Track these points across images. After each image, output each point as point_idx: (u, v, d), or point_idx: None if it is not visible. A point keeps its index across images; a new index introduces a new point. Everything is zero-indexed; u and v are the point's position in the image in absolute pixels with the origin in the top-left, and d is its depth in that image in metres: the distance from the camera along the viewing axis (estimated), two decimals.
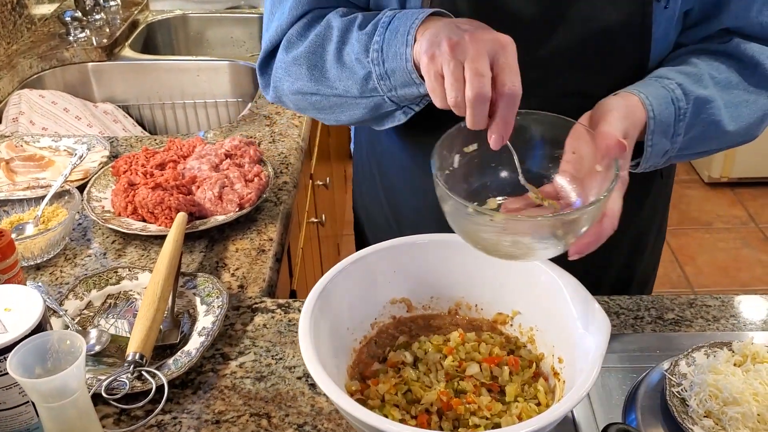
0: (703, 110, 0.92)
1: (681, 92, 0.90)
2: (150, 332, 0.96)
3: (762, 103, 0.97)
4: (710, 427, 0.82)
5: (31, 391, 0.77)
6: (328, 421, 0.91)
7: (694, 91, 0.91)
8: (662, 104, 0.89)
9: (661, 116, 0.89)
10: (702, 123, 0.93)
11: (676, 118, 0.90)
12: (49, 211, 1.25)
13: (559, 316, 0.87)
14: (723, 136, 0.96)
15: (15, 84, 1.85)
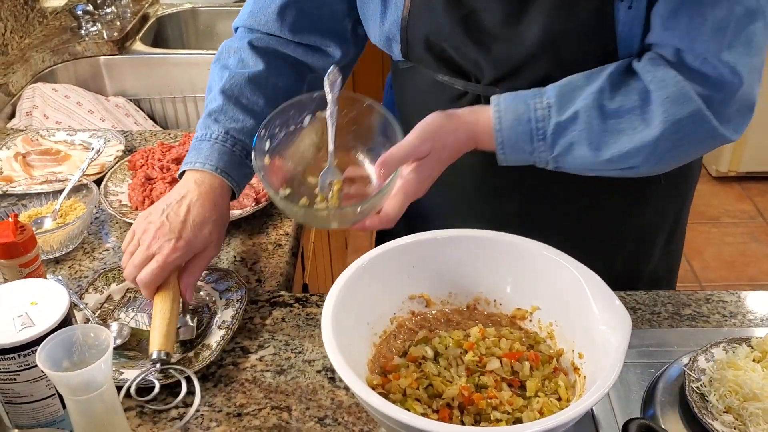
0: (567, 132, 0.95)
1: (544, 113, 0.95)
2: (170, 327, 0.97)
3: (641, 135, 0.94)
4: (730, 423, 0.83)
5: (59, 384, 0.78)
6: (348, 414, 0.92)
7: (555, 116, 0.95)
8: (514, 122, 0.95)
9: (511, 132, 0.95)
10: (571, 143, 0.95)
11: (533, 136, 0.95)
12: (66, 205, 1.26)
13: (579, 311, 0.87)
14: (596, 163, 0.96)
15: (28, 78, 1.85)
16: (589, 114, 0.94)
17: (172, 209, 1.01)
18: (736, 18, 0.89)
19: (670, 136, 0.93)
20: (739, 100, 0.94)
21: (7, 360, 0.80)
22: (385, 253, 0.92)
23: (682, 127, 0.93)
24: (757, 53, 0.92)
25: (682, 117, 0.92)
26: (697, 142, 0.96)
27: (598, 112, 0.94)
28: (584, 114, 0.94)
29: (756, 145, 3.31)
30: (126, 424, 0.84)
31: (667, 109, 0.92)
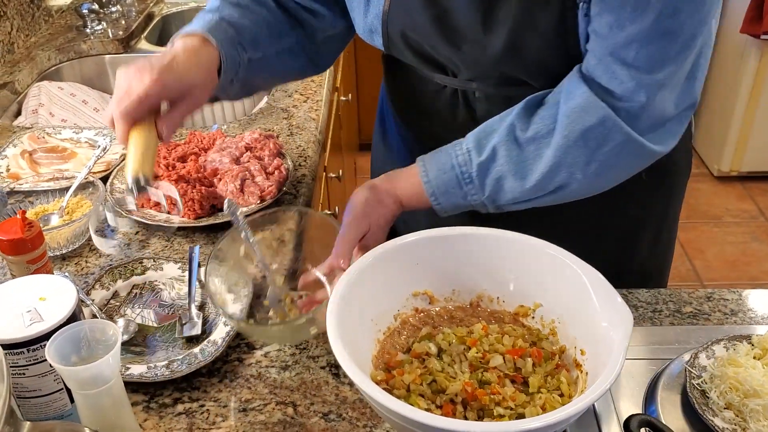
0: (490, 169, 1.00)
1: (465, 158, 1.00)
2: (146, 153, 0.94)
3: (546, 156, 0.98)
4: (731, 419, 0.84)
5: (68, 378, 0.79)
6: (353, 409, 0.93)
7: (475, 158, 0.99)
8: (439, 171, 1.01)
9: (438, 181, 1.01)
10: (497, 178, 1.00)
11: (460, 181, 1.01)
12: (73, 202, 1.27)
13: (581, 308, 0.88)
14: (527, 191, 1.00)
15: (34, 76, 1.87)
16: (507, 147, 0.99)
17: (156, 57, 0.98)
18: (644, 35, 0.90)
19: (581, 145, 0.96)
20: (650, 115, 0.96)
21: (16, 355, 0.81)
22: (388, 250, 0.93)
23: (594, 135, 0.95)
24: (659, 70, 0.93)
25: (590, 125, 0.95)
26: (618, 152, 0.97)
27: (514, 144, 0.99)
28: (502, 148, 0.99)
29: (758, 145, 3.31)
30: (133, 418, 0.85)
31: (571, 118, 0.95)
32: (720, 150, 3.42)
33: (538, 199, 1.02)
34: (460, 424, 0.72)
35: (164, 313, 1.08)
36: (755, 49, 3.11)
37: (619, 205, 1.17)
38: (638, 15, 0.89)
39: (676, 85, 0.95)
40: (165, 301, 1.10)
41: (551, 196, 1.02)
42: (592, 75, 0.95)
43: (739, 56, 3.20)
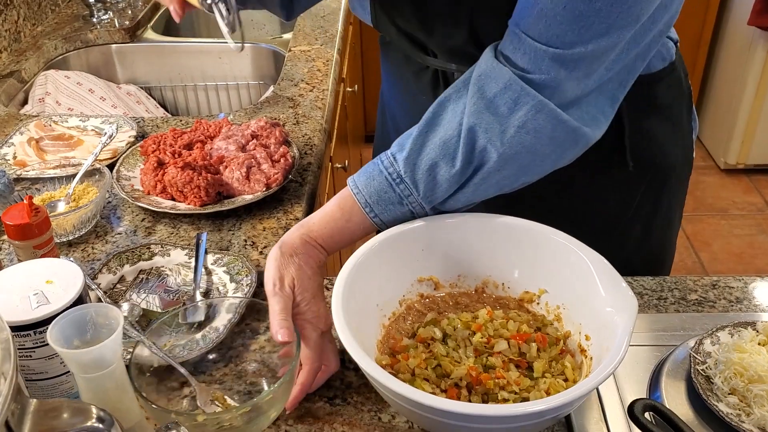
0: (417, 165, 0.92)
1: (390, 160, 0.93)
2: None
3: (462, 125, 0.92)
4: (735, 404, 0.84)
5: (70, 361, 0.79)
6: (358, 394, 0.93)
7: (399, 157, 0.93)
8: (368, 179, 0.93)
9: (368, 189, 0.93)
10: (427, 168, 0.92)
11: (390, 183, 0.93)
12: (79, 189, 1.28)
13: (586, 294, 0.88)
14: (459, 175, 0.92)
15: (41, 65, 1.87)
16: (428, 134, 0.93)
17: None
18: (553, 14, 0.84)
19: (492, 111, 0.89)
20: (561, 90, 0.89)
21: (22, 337, 0.82)
22: (394, 235, 0.94)
23: (503, 101, 0.88)
24: (568, 48, 0.86)
25: (497, 90, 0.88)
26: (532, 117, 0.88)
27: (433, 128, 0.93)
28: (423, 137, 0.93)
29: (764, 138, 3.30)
30: (135, 402, 0.85)
31: (478, 85, 0.90)
32: (726, 142, 3.41)
33: (472, 185, 0.93)
34: (464, 407, 0.72)
35: (169, 298, 1.09)
36: (763, 41, 3.10)
37: (602, 196, 1.16)
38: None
39: (592, 69, 0.89)
40: (170, 286, 1.11)
41: (481, 176, 0.92)
42: (501, 47, 0.91)
43: (746, 48, 3.19)
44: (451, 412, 0.72)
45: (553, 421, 0.81)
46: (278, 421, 0.90)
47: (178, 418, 0.80)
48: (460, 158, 0.91)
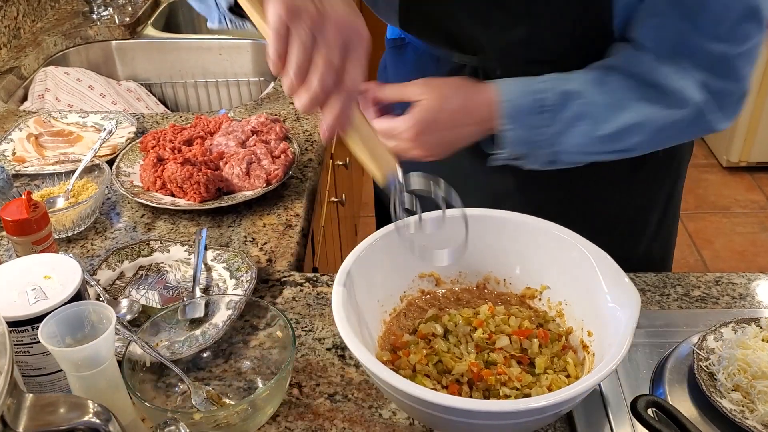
0: (570, 103, 0.92)
1: (544, 85, 0.92)
2: (382, 146, 0.85)
3: (643, 111, 0.94)
4: (738, 401, 0.83)
5: (61, 359, 0.78)
6: (358, 390, 0.92)
7: (560, 85, 0.92)
8: (519, 93, 0.91)
9: (515, 102, 0.91)
10: (573, 115, 0.92)
11: (538, 107, 0.91)
12: (79, 185, 1.27)
13: (588, 289, 0.87)
14: (602, 140, 0.94)
15: (40, 61, 1.86)
16: (588, 84, 0.93)
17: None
18: None
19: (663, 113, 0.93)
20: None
21: (20, 333, 0.81)
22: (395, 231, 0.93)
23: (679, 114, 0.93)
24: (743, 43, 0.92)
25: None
26: (686, 126, 0.96)
27: (597, 82, 0.93)
28: (584, 84, 0.93)
29: (767, 136, 3.29)
30: (129, 401, 0.84)
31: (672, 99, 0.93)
32: (729, 140, 3.40)
33: (598, 154, 0.97)
34: (465, 402, 0.72)
35: (169, 295, 1.08)
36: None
37: (629, 190, 1.16)
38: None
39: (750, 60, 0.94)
40: (170, 283, 1.10)
41: (610, 155, 0.97)
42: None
43: None
44: (452, 407, 0.71)
45: (554, 418, 0.81)
46: (278, 418, 0.89)
47: (174, 416, 0.79)
48: (608, 132, 0.93)
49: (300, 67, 0.69)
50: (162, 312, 0.95)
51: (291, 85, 0.72)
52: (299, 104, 0.72)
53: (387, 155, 0.79)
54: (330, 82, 0.70)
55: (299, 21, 0.68)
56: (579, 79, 0.94)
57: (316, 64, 0.69)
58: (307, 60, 0.69)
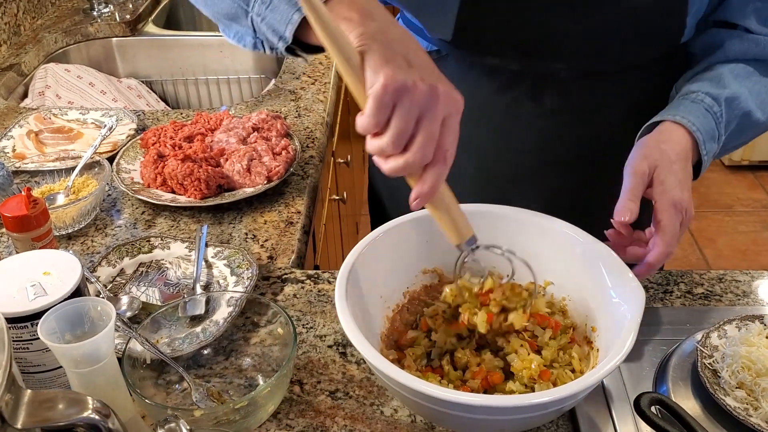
0: (734, 107, 0.98)
1: (711, 99, 0.96)
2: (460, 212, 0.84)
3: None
4: (742, 398, 0.83)
5: (60, 356, 0.77)
6: (359, 388, 0.92)
7: (721, 93, 0.97)
8: (700, 117, 0.94)
9: (704, 128, 0.94)
10: (736, 117, 0.98)
11: (716, 123, 0.96)
12: (79, 182, 1.26)
13: (592, 285, 0.87)
14: (756, 126, 1.01)
15: (41, 58, 1.86)
16: (738, 80, 0.98)
17: (409, 49, 0.72)
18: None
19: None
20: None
21: (19, 329, 0.81)
22: (398, 226, 0.92)
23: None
24: None
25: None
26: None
27: (743, 76, 0.99)
28: (735, 82, 0.98)
29: None
30: (128, 398, 0.84)
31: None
32: None
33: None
34: (468, 397, 0.71)
35: (169, 292, 1.08)
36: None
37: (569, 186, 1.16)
38: None
39: None
40: (170, 280, 1.10)
41: None
42: None
43: None
44: (454, 402, 0.71)
45: (557, 414, 0.80)
46: (279, 415, 0.89)
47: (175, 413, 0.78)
48: None
49: (400, 139, 0.69)
50: (162, 309, 0.94)
51: (381, 150, 0.71)
52: (388, 168, 0.72)
53: (465, 221, 0.82)
54: (429, 156, 0.70)
55: (407, 96, 0.68)
56: (730, 79, 0.98)
57: (417, 136, 0.69)
58: (409, 130, 0.69)
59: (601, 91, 1.08)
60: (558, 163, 1.13)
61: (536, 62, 1.04)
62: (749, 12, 0.98)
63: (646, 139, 0.93)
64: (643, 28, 0.99)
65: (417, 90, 0.68)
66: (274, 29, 0.79)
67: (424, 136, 0.69)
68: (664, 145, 0.90)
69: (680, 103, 0.97)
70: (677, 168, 0.88)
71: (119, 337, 0.95)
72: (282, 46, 0.79)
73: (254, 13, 0.80)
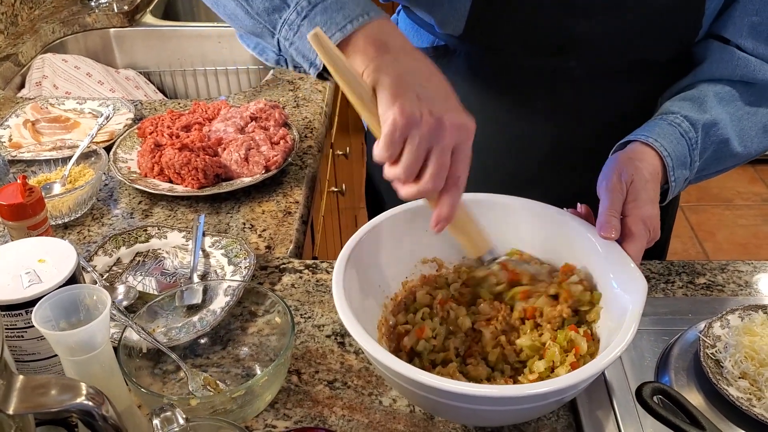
0: (711, 133, 0.96)
1: (688, 124, 0.94)
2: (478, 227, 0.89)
3: (762, 114, 0.99)
4: (746, 388, 0.82)
5: (55, 344, 0.76)
6: (358, 377, 0.91)
7: (700, 118, 0.95)
8: (674, 142, 0.93)
9: (675, 153, 0.93)
10: (713, 144, 0.97)
11: (689, 148, 0.94)
12: (75, 171, 1.25)
13: (594, 274, 0.86)
14: (734, 156, 0.99)
15: (38, 48, 1.84)
16: (721, 104, 0.97)
17: (422, 77, 0.74)
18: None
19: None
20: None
21: (14, 317, 0.80)
22: (397, 215, 0.91)
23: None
24: None
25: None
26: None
27: (727, 99, 0.97)
28: (717, 106, 0.96)
29: None
30: (124, 387, 0.83)
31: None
32: None
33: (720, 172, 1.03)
34: (466, 387, 0.70)
35: (166, 281, 1.07)
36: None
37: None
38: None
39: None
40: (167, 269, 1.09)
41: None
42: None
43: None
44: (452, 392, 0.70)
45: (558, 404, 0.79)
46: (277, 405, 0.88)
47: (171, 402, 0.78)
48: (755, 148, 0.99)
49: (411, 170, 0.72)
50: (159, 298, 0.93)
51: (396, 177, 0.74)
52: (404, 193, 0.75)
53: (482, 237, 0.87)
54: (441, 182, 0.74)
55: (416, 130, 0.71)
56: (713, 103, 0.96)
57: (428, 167, 0.73)
58: (419, 162, 0.72)
59: (613, 89, 1.06)
60: (566, 163, 1.12)
61: (549, 60, 1.02)
62: (744, 27, 0.96)
63: (620, 156, 0.91)
64: (661, 27, 0.98)
65: (425, 124, 0.71)
66: (304, 55, 0.79)
67: (434, 166, 0.72)
68: (639, 162, 0.90)
69: (657, 123, 0.95)
70: (650, 187, 0.88)
71: (115, 326, 0.94)
72: (313, 72, 0.80)
73: (281, 36, 0.80)
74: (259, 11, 0.79)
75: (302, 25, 0.76)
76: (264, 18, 0.79)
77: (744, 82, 0.98)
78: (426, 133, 0.71)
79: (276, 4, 0.78)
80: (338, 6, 0.74)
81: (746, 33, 0.96)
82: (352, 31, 0.74)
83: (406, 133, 0.71)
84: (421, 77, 0.74)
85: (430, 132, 0.71)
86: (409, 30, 1.15)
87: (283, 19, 0.77)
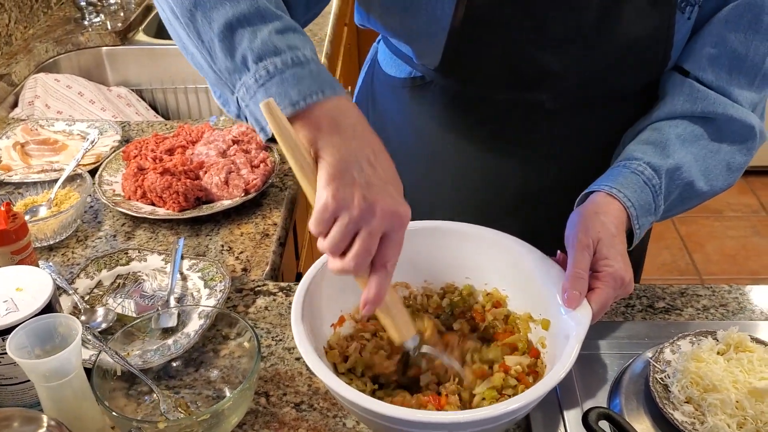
0: (675, 177, 0.98)
1: (651, 171, 0.96)
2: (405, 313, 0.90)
3: (724, 152, 1.02)
4: (690, 413, 0.85)
5: (28, 371, 0.81)
6: (324, 400, 0.95)
7: (663, 164, 0.96)
8: (637, 191, 0.94)
9: (639, 202, 0.94)
10: (678, 188, 0.99)
11: (653, 195, 0.96)
12: (61, 194, 1.29)
13: (544, 301, 0.89)
14: (699, 195, 1.02)
15: (31, 68, 1.89)
16: (684, 146, 0.99)
17: (357, 164, 0.75)
18: None
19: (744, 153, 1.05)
20: None
21: None
22: None
23: (753, 146, 1.06)
24: None
25: None
26: (749, 153, 1.07)
27: (689, 140, 0.99)
28: (680, 148, 0.98)
29: None
30: (97, 410, 0.87)
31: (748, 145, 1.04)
32: None
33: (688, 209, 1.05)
34: (415, 414, 0.74)
35: (144, 303, 1.11)
36: None
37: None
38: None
39: None
40: (146, 291, 1.13)
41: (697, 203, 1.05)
42: None
43: None
44: (403, 420, 0.73)
45: (507, 425, 0.83)
46: (244, 426, 0.92)
47: (140, 425, 0.81)
48: (720, 185, 1.02)
49: (335, 249, 0.75)
50: (135, 321, 0.97)
51: (323, 251, 0.77)
52: (330, 266, 0.78)
53: (408, 322, 0.87)
54: (364, 264, 0.76)
55: (345, 212, 0.74)
56: (676, 145, 0.99)
57: (353, 249, 0.75)
58: (345, 242, 0.75)
59: (585, 121, 1.09)
60: (539, 194, 1.15)
61: (523, 93, 1.06)
62: (704, 59, 0.99)
63: (583, 210, 0.92)
64: (630, 60, 1.00)
65: (356, 208, 0.74)
66: (257, 119, 0.82)
67: (358, 247, 0.75)
68: (604, 217, 0.91)
69: (620, 172, 0.96)
70: (618, 241, 0.90)
71: (93, 350, 0.98)
72: (263, 137, 0.83)
73: (239, 95, 0.82)
74: (221, 68, 0.81)
75: (258, 92, 0.78)
76: (225, 76, 0.81)
77: (705, 118, 1.00)
78: (356, 216, 0.74)
79: (237, 66, 0.80)
80: (295, 81, 0.76)
81: (706, 65, 0.99)
82: (305, 108, 0.76)
83: (336, 213, 0.74)
84: (365, 161, 0.76)
85: (361, 215, 0.74)
86: (387, 60, 1.19)
87: (242, 82, 0.79)
